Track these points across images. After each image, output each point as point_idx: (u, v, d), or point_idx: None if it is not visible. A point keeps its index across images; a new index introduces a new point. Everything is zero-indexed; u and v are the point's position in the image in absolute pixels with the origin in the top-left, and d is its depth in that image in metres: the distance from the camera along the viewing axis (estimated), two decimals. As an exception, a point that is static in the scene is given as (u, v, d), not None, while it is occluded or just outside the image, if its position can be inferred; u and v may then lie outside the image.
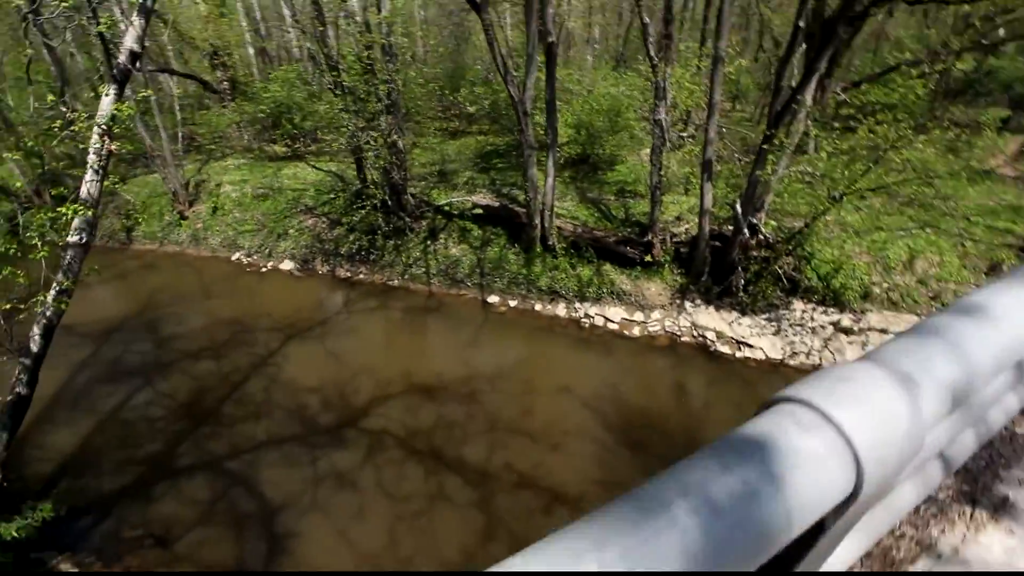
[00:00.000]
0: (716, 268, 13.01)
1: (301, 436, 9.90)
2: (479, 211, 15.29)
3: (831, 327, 11.94)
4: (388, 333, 13.33)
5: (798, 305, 12.44)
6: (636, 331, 12.84)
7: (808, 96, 11.12)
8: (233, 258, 17.37)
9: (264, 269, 16.70)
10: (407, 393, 10.96)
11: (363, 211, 15.82)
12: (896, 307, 12.12)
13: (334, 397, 10.87)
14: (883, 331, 11.72)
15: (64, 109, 8.67)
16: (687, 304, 13.02)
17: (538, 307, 13.96)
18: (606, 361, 12.05)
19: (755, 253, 12.70)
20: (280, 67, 22.80)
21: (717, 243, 13.17)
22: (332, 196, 17.45)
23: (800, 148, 16.99)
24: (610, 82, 18.58)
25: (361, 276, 15.98)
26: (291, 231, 17.05)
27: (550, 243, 14.15)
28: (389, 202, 15.43)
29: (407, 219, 15.77)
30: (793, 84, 11.19)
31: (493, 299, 14.38)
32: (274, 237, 17.13)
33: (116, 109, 6.77)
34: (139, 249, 18.48)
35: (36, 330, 6.75)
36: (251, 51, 25.01)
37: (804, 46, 11.32)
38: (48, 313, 6.76)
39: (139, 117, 16.58)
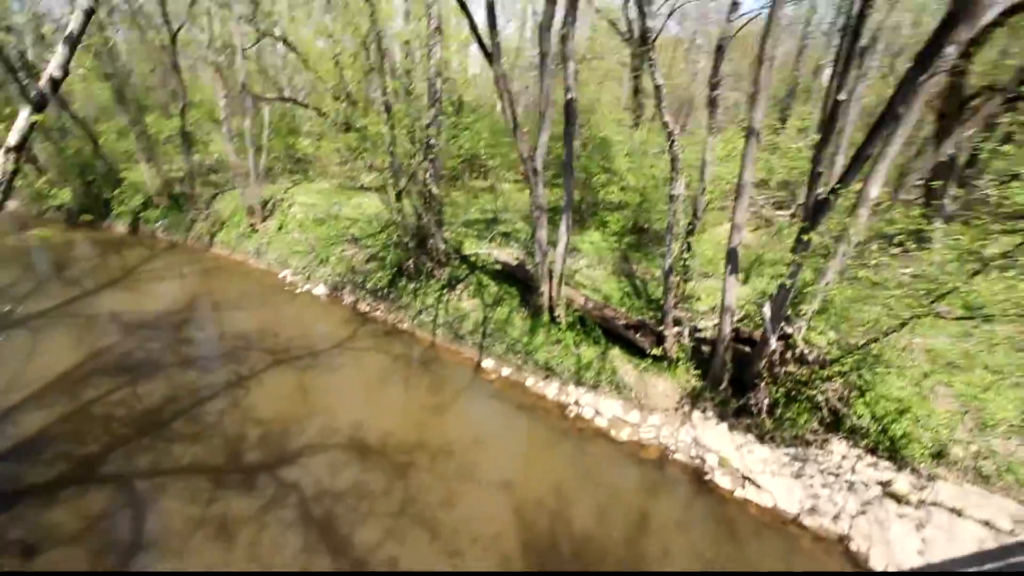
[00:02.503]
0: (740, 378, 10.61)
1: (219, 469, 9.52)
2: (498, 267, 14.40)
3: (878, 487, 8.95)
4: (369, 378, 12.72)
5: (838, 447, 9.58)
6: (625, 434, 10.81)
7: (874, 189, 8.65)
8: (280, 275, 18.28)
9: (299, 290, 17.28)
10: (344, 447, 10.17)
11: (388, 249, 15.81)
12: (987, 482, 8.79)
13: (275, 435, 10.43)
14: (956, 512, 8.50)
15: None
16: (695, 414, 10.73)
17: (530, 382, 12.49)
18: (574, 462, 10.19)
19: (790, 369, 10.12)
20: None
21: (747, 348, 10.80)
22: (378, 231, 17.70)
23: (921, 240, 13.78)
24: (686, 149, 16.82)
25: (377, 313, 15.77)
26: (332, 258, 17.52)
27: (556, 314, 12.72)
28: (410, 245, 15.18)
29: (429, 264, 15.34)
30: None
31: (488, 363, 13.21)
32: (317, 261, 17.73)
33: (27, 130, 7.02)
34: (216, 253, 20.32)
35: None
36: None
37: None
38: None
39: (228, 139, 18.44)
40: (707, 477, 9.74)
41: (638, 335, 11.58)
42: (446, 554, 8.04)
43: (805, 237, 8.41)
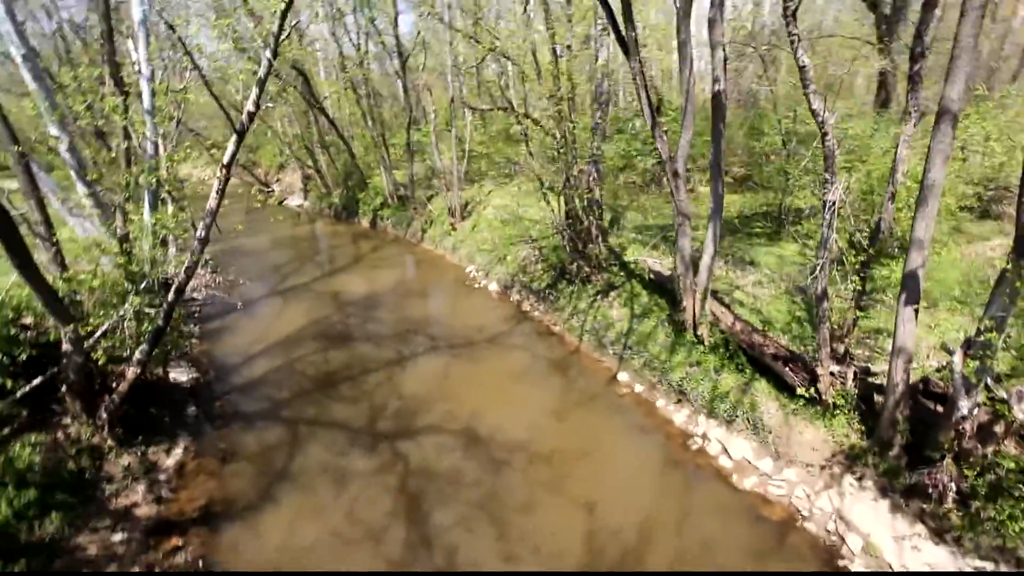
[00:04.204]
0: (920, 446, 8.00)
1: (356, 430, 11.18)
2: (651, 276, 13.50)
3: None
4: (506, 374, 13.24)
5: (1068, 576, 6.51)
6: (749, 482, 9.16)
7: None
8: (466, 270, 20.24)
9: (477, 285, 18.88)
10: (456, 433, 10.90)
11: (553, 251, 16.15)
12: None
13: (407, 411, 11.75)
14: None
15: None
16: (847, 479, 8.47)
17: (660, 403, 11.47)
18: (675, 499, 9.07)
19: (1005, 449, 7.24)
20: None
21: (938, 406, 8.09)
22: (550, 233, 18.18)
23: None
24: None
25: (536, 313, 16.30)
26: (508, 257, 18.63)
27: (699, 333, 11.37)
28: (569, 248, 15.23)
29: (586, 269, 15.17)
30: None
31: (623, 376, 12.54)
32: (496, 260, 19.08)
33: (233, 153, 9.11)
34: (424, 247, 23.55)
35: (172, 289, 9.87)
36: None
37: None
38: (180, 280, 9.76)
39: (436, 148, 21.10)
40: (841, 562, 7.65)
41: (788, 369, 9.62)
42: (502, 556, 8.04)
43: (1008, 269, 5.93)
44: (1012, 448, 7.28)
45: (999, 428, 7.16)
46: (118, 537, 8.22)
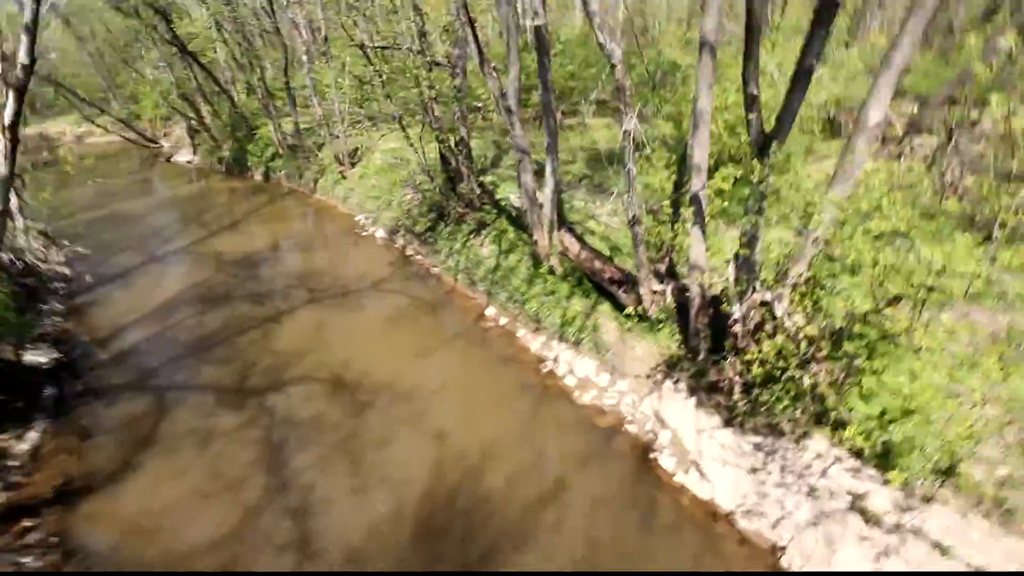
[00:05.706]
0: (719, 348, 8.98)
1: (225, 390, 11.26)
2: (515, 212, 13.86)
3: (849, 498, 7.09)
4: (380, 319, 13.54)
5: (818, 444, 7.69)
6: (588, 397, 10.05)
7: (875, 112, 6.27)
8: (356, 218, 19.98)
9: (365, 233, 18.76)
10: (323, 382, 11.19)
11: (430, 193, 16.18)
12: (1008, 517, 6.35)
13: (278, 365, 11.88)
14: (941, 549, 6.38)
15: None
16: (667, 384, 9.45)
17: (520, 333, 12.15)
18: (519, 421, 9.84)
19: (779, 343, 8.23)
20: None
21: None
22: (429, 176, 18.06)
23: None
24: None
25: (418, 257, 16.49)
26: (395, 203, 18.50)
27: (551, 263, 11.94)
28: (441, 189, 15.29)
29: (459, 209, 15.34)
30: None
31: (491, 311, 13.11)
32: (383, 206, 18.89)
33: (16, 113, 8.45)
34: (317, 198, 22.93)
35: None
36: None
37: None
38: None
39: (314, 94, 20.12)
40: (652, 455, 8.69)
41: (621, 291, 10.37)
42: (351, 490, 8.61)
43: (743, 193, 6.57)
44: (788, 344, 8.27)
45: (769, 327, 8.12)
46: (-40, 530, 8.19)
